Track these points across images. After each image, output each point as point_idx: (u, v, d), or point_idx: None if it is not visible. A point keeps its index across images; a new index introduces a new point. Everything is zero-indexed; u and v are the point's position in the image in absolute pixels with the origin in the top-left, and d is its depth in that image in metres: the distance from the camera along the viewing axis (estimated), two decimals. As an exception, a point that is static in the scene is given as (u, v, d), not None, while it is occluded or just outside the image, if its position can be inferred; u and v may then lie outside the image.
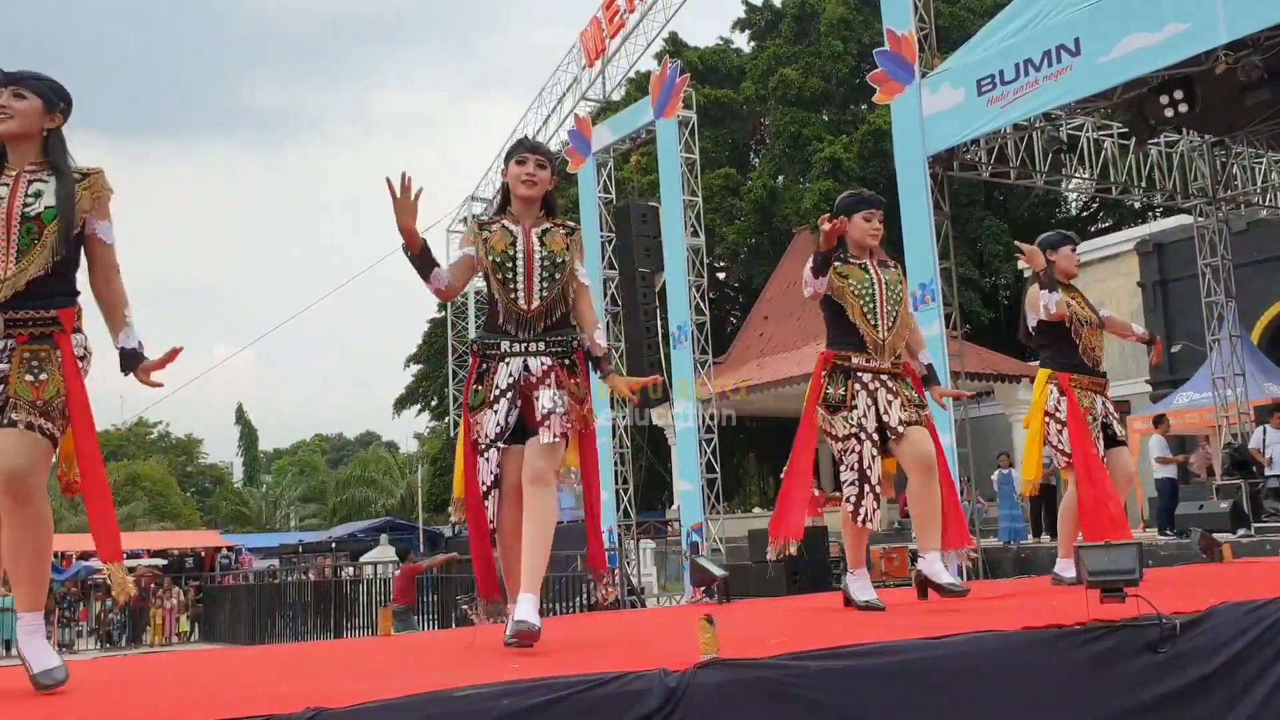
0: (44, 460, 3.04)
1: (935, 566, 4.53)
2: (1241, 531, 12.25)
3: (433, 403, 36.25)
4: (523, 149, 3.94)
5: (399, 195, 3.58)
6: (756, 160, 33.78)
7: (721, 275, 33.14)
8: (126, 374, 3.27)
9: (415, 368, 36.73)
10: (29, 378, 3.05)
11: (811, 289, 4.62)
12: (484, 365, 3.80)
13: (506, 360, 3.75)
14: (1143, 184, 16.29)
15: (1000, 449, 18.17)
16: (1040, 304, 5.37)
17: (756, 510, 29.47)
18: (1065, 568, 5.35)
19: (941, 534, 4.63)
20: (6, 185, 3.16)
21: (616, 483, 18.76)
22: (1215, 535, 7.96)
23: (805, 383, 19.56)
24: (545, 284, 3.78)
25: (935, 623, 3.58)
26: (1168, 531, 13.33)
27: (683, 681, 2.65)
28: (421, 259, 3.75)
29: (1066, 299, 5.42)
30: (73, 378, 3.10)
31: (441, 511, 34.09)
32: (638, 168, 26.60)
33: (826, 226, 4.37)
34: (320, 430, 77.76)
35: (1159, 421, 14.64)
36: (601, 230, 19.20)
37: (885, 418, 4.55)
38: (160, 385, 3.29)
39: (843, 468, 4.57)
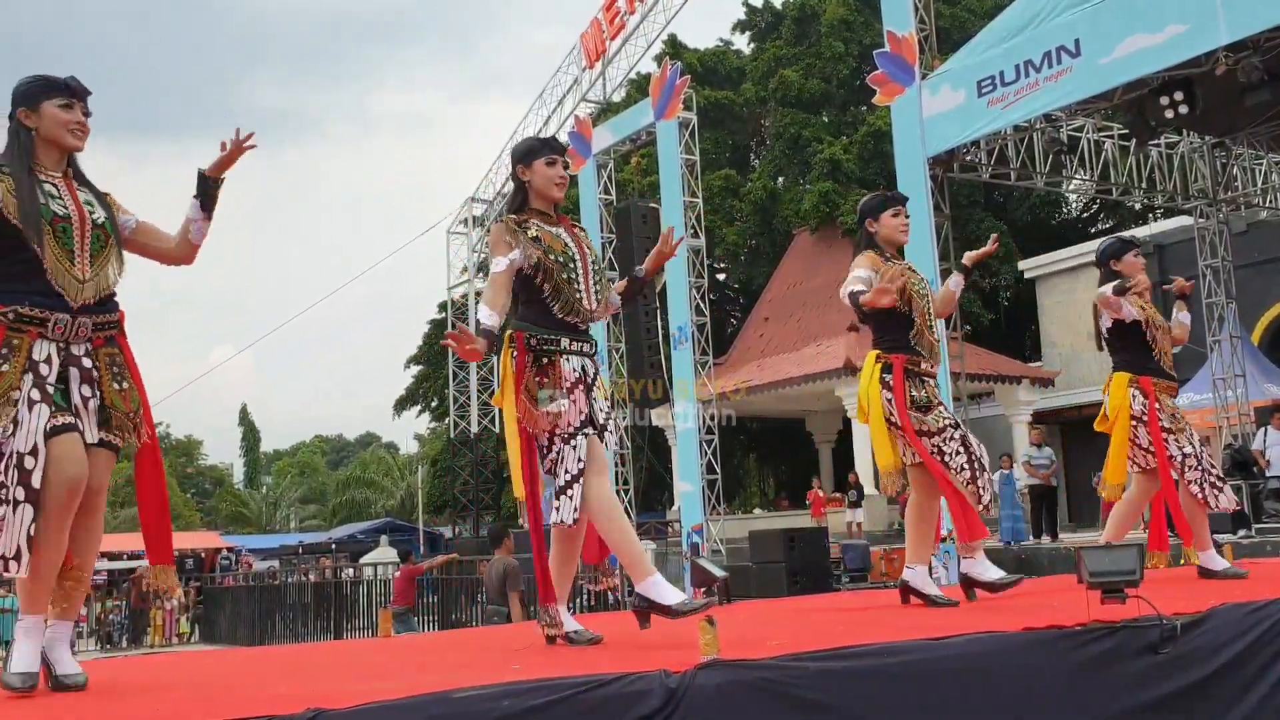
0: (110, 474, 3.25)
1: (922, 579, 4.61)
2: (1242, 532, 12.25)
3: (433, 404, 36.26)
4: (551, 150, 3.85)
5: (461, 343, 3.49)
6: (756, 161, 33.80)
7: (721, 276, 33.16)
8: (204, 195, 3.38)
9: (415, 369, 36.74)
10: (115, 385, 3.18)
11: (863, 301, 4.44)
12: (542, 359, 3.66)
13: (567, 357, 3.67)
14: (1143, 185, 16.29)
15: (1001, 450, 18.17)
16: (1120, 308, 5.38)
17: (757, 511, 29.49)
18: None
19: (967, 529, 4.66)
20: (56, 186, 3.18)
21: (617, 483, 18.77)
22: (1216, 536, 7.95)
23: (805, 384, 19.48)
24: (598, 285, 3.80)
25: (936, 623, 3.58)
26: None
27: (683, 682, 2.65)
28: (490, 342, 3.57)
29: (1140, 303, 5.42)
30: (140, 385, 3.23)
31: (441, 513, 34.10)
32: (638, 169, 26.63)
33: (885, 301, 4.25)
34: (320, 431, 78.00)
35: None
36: (602, 231, 19.22)
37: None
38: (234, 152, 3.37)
39: (947, 455, 4.52)
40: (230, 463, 63.55)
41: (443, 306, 31.10)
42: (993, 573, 4.66)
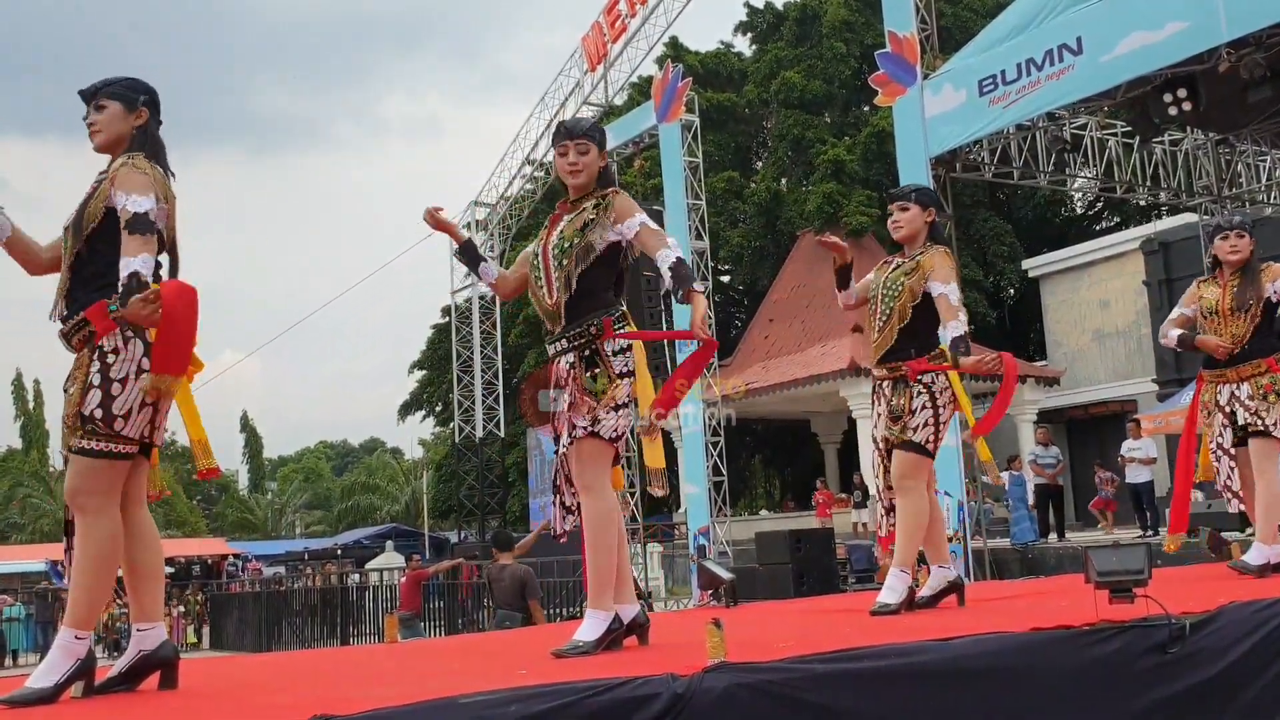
0: (92, 477, 3.00)
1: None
2: (1250, 530, 12.20)
3: (437, 408, 36.25)
4: (560, 137, 3.71)
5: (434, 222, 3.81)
6: (759, 163, 33.78)
7: (726, 278, 33.14)
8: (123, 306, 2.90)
9: (420, 373, 36.75)
10: (69, 391, 3.08)
11: (841, 301, 5.00)
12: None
13: (554, 363, 3.66)
14: (1147, 183, 16.25)
15: (1007, 450, 18.15)
16: (1173, 333, 5.40)
17: (763, 512, 29.46)
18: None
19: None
20: None
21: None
22: (1224, 534, 7.93)
23: (810, 385, 19.63)
24: (556, 274, 3.58)
25: (943, 624, 3.57)
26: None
27: (690, 686, 2.64)
28: (465, 254, 3.92)
29: (1199, 293, 5.35)
30: (83, 388, 3.02)
31: (447, 517, 34.08)
32: (641, 171, 26.62)
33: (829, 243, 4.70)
34: (324, 437, 77.99)
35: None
36: (605, 234, 19.20)
37: (875, 430, 4.68)
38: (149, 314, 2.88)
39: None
40: (236, 469, 63.68)
41: (446, 311, 31.09)
42: (882, 595, 4.51)
